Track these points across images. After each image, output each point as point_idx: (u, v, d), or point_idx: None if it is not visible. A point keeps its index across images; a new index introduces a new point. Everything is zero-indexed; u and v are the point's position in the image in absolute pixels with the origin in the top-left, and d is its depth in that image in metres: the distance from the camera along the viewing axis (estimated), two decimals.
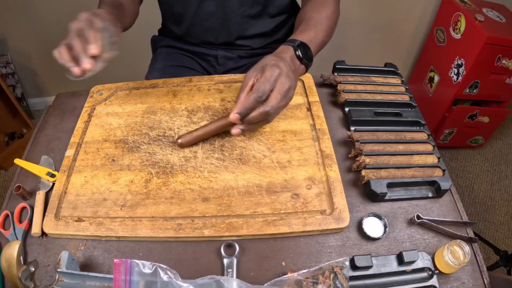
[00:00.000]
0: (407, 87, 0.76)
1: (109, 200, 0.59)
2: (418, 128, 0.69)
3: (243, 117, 0.57)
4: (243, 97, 0.57)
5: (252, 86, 0.57)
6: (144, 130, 0.69)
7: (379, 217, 0.57)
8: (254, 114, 0.57)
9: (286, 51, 0.63)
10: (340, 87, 0.74)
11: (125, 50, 1.73)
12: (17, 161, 0.66)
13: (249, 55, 0.93)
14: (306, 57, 0.64)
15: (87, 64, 0.54)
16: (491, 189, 1.71)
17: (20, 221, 0.59)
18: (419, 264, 0.52)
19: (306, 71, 0.68)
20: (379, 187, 0.58)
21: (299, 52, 0.63)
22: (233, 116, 0.57)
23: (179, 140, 0.64)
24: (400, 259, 0.52)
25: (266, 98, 0.56)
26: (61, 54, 0.55)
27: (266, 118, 0.58)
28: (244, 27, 0.86)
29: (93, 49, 0.53)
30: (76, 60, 0.55)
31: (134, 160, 0.64)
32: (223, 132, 0.68)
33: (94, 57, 0.55)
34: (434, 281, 0.51)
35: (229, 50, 0.91)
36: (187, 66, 0.94)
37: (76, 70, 0.54)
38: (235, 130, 0.59)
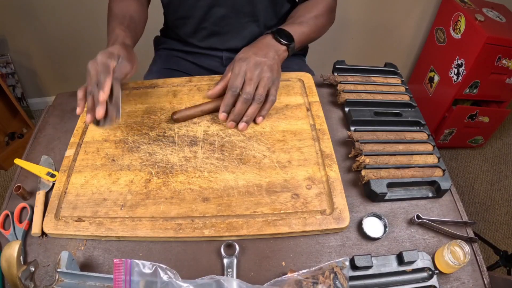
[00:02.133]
0: (407, 87, 0.76)
1: (109, 200, 0.59)
2: (418, 128, 0.69)
3: (228, 112, 0.67)
4: (215, 92, 0.70)
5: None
6: (144, 130, 0.69)
7: (379, 217, 0.57)
8: (238, 105, 0.65)
9: (262, 38, 0.72)
10: (340, 87, 0.74)
11: None
12: (17, 161, 0.66)
13: None
14: (284, 37, 0.71)
15: (99, 112, 0.58)
16: (491, 189, 1.71)
17: (20, 221, 0.59)
18: (419, 264, 0.52)
19: (289, 51, 0.73)
20: (379, 187, 0.58)
21: (277, 36, 0.71)
22: (222, 115, 0.67)
23: (175, 116, 0.68)
24: (400, 259, 0.52)
25: (242, 89, 0.65)
26: (80, 101, 0.62)
27: (257, 100, 0.65)
28: (257, 33, 0.86)
29: (101, 96, 0.57)
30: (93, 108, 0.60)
31: (134, 160, 0.64)
32: (223, 132, 0.68)
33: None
34: (434, 281, 0.52)
35: (234, 52, 0.91)
36: (185, 71, 0.94)
37: (88, 118, 0.60)
38: (241, 125, 0.67)
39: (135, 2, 0.80)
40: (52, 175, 0.63)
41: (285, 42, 0.71)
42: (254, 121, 0.68)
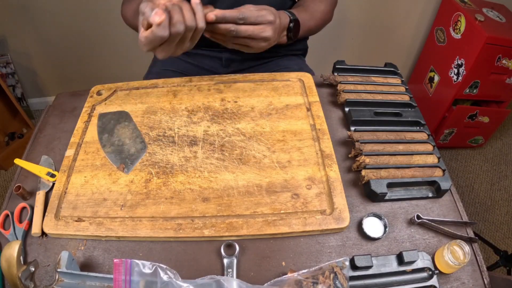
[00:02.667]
0: (407, 87, 0.76)
1: (109, 200, 0.59)
2: (418, 128, 0.69)
3: (220, 22, 0.59)
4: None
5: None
6: (144, 130, 0.69)
7: (379, 217, 0.57)
8: (227, 13, 0.58)
9: (284, 18, 0.69)
10: (340, 87, 0.74)
11: (125, 50, 1.73)
12: (17, 161, 0.66)
13: (254, 57, 0.92)
14: (293, 34, 0.71)
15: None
16: (491, 189, 1.71)
17: (20, 221, 0.59)
18: (419, 264, 0.52)
19: (284, 44, 0.74)
20: (379, 187, 0.58)
21: (291, 25, 0.70)
22: (210, 15, 0.57)
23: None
24: (400, 259, 0.52)
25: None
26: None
27: (233, 28, 0.59)
28: None
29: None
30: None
31: None
32: (223, 132, 0.68)
33: None
34: (434, 281, 0.51)
35: (234, 53, 0.91)
36: (185, 72, 0.94)
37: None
38: (210, 14, 0.58)
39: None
40: (52, 175, 0.63)
41: (290, 35, 0.71)
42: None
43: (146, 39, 0.52)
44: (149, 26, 0.53)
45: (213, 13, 0.57)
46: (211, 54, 0.92)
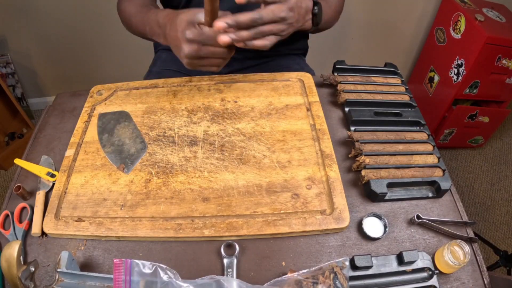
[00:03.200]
0: (407, 87, 0.76)
1: (109, 200, 0.59)
2: (418, 128, 0.69)
3: (233, 27, 0.55)
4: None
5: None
6: (144, 130, 0.69)
7: (379, 217, 0.57)
8: (245, 17, 0.55)
9: (306, 1, 0.64)
10: (340, 87, 0.74)
11: (125, 50, 1.73)
12: (17, 161, 0.66)
13: (255, 56, 0.92)
14: (318, 18, 0.67)
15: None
16: (491, 189, 1.71)
17: (20, 221, 0.59)
18: (419, 264, 0.52)
19: (309, 30, 0.70)
20: (379, 187, 0.58)
21: (316, 8, 0.66)
22: (221, 24, 0.54)
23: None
24: (400, 259, 0.52)
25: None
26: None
27: (254, 30, 0.57)
28: None
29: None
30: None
31: None
32: (223, 132, 0.68)
33: None
34: (434, 281, 0.52)
35: (235, 52, 0.91)
36: (185, 72, 0.94)
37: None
38: (224, 38, 0.56)
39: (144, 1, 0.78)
40: (52, 175, 0.63)
41: (316, 21, 0.67)
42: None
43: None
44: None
45: (222, 21, 0.54)
46: None
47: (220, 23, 0.54)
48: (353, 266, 0.51)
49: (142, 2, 0.78)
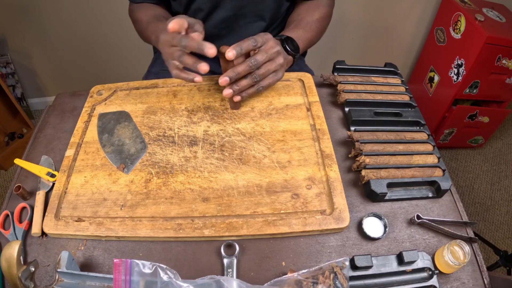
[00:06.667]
0: (407, 87, 0.76)
1: (109, 200, 0.59)
2: (418, 128, 0.69)
3: (233, 80, 0.63)
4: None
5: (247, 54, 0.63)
6: (144, 130, 0.69)
7: (379, 217, 0.57)
8: (241, 66, 0.62)
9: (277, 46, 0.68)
10: (340, 87, 0.74)
11: (125, 50, 1.73)
12: (17, 161, 0.66)
13: None
14: (292, 49, 0.71)
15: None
16: (491, 189, 1.71)
17: (20, 221, 0.59)
18: (419, 264, 0.52)
19: (293, 62, 0.73)
20: (379, 187, 0.58)
21: (285, 45, 0.70)
22: (230, 52, 0.59)
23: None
24: (400, 259, 0.52)
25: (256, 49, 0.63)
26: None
27: (253, 75, 0.63)
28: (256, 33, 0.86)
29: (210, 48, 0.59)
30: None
31: None
32: (223, 132, 0.68)
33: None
34: (434, 281, 0.52)
35: None
36: None
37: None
38: (226, 91, 0.64)
39: (158, 6, 0.82)
40: (52, 175, 0.63)
41: (292, 53, 0.71)
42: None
43: (176, 76, 0.64)
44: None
45: (230, 49, 0.60)
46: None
47: (222, 79, 0.62)
48: (353, 266, 0.51)
49: (154, 12, 0.80)
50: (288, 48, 0.70)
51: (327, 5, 0.84)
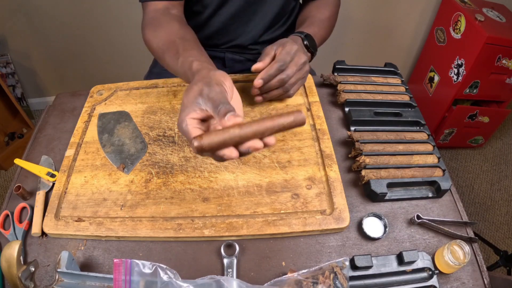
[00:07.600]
0: (407, 87, 0.76)
1: (109, 200, 0.59)
2: (418, 128, 0.69)
3: (265, 82, 0.65)
4: (264, 65, 0.65)
5: (273, 58, 0.66)
6: (144, 130, 0.69)
7: (379, 217, 0.57)
8: (273, 81, 0.65)
9: (296, 39, 0.70)
10: (340, 87, 0.74)
11: (125, 50, 1.73)
12: (17, 161, 0.66)
13: (256, 58, 0.92)
14: (312, 46, 0.72)
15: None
16: (491, 189, 1.71)
17: (20, 221, 0.59)
18: (419, 264, 0.52)
19: (310, 60, 0.74)
20: (379, 187, 0.58)
21: (306, 42, 0.71)
22: (257, 81, 0.64)
23: (201, 141, 0.41)
24: (400, 259, 0.52)
25: (284, 69, 0.65)
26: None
27: (284, 86, 0.66)
28: (262, 32, 0.86)
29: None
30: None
31: None
32: None
33: None
34: (434, 281, 0.52)
35: (237, 53, 0.90)
36: None
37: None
38: (258, 98, 0.68)
39: (176, 21, 0.70)
40: (52, 175, 0.63)
41: (311, 50, 0.72)
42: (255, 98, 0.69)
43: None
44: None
45: (258, 79, 0.64)
46: (213, 54, 0.91)
47: (256, 81, 0.65)
48: (353, 266, 0.51)
49: (168, 37, 0.67)
50: (308, 46, 0.71)
51: (335, 5, 0.85)
